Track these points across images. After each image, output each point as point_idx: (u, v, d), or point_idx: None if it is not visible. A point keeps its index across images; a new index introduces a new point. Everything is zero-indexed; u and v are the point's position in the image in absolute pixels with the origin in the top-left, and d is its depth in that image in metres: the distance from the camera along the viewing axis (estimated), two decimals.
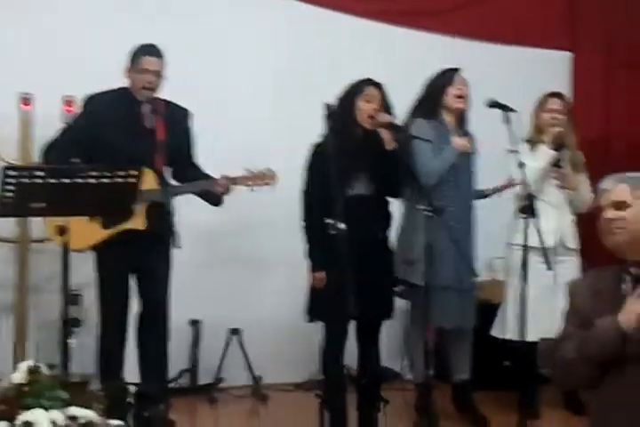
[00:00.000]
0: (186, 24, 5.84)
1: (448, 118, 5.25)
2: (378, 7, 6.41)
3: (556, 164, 5.36)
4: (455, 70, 5.25)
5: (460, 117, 5.30)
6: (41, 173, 3.80)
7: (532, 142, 5.40)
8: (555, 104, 5.44)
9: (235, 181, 4.80)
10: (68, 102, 5.32)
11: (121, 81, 4.85)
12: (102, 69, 5.14)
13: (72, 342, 5.10)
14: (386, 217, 4.97)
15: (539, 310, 5.02)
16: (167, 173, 4.88)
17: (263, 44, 6.06)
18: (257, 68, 6.02)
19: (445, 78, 5.22)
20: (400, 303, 5.09)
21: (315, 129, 4.63)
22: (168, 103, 4.86)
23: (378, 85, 4.85)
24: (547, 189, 5.36)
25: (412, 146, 5.09)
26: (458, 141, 5.18)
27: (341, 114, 4.75)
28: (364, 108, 4.81)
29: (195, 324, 5.88)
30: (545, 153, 5.29)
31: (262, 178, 4.84)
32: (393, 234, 5.01)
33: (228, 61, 5.95)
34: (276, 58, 6.06)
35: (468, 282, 5.18)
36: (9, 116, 5.27)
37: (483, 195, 5.49)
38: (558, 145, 5.31)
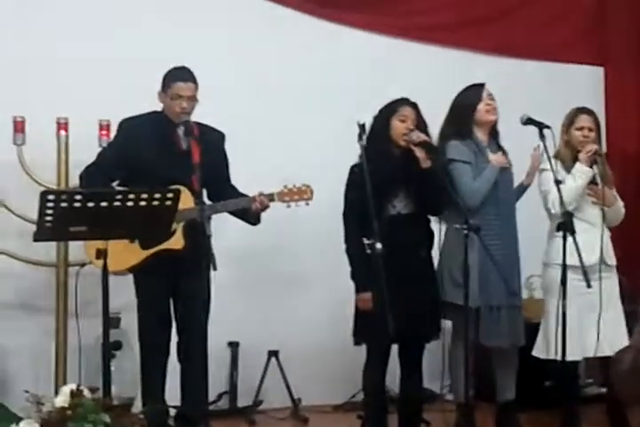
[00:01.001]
0: (217, 41, 5.90)
1: (481, 135, 5.22)
2: (401, 23, 6.42)
3: (591, 181, 5.32)
4: (481, 86, 5.24)
5: (493, 132, 5.27)
6: (79, 197, 3.82)
7: (562, 159, 5.36)
8: (585, 120, 5.37)
9: (271, 197, 4.81)
10: (104, 126, 5.37)
11: (156, 104, 4.88)
12: (138, 93, 5.18)
13: (111, 365, 5.16)
14: (428, 235, 4.96)
15: (582, 329, 5.00)
16: (204, 194, 4.89)
17: (297, 64, 6.08)
18: (289, 86, 6.03)
19: (472, 95, 5.20)
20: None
21: (350, 145, 4.64)
22: (202, 125, 4.88)
23: (413, 105, 4.90)
24: (584, 206, 5.31)
25: (452, 169, 5.09)
26: (495, 158, 5.15)
27: (377, 134, 4.81)
28: (399, 127, 4.84)
29: (233, 346, 5.89)
30: (581, 171, 5.25)
31: (299, 193, 4.84)
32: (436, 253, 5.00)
33: (261, 79, 5.97)
34: (306, 75, 6.09)
35: (516, 299, 5.14)
36: (46, 141, 5.31)
37: (523, 188, 5.42)
38: (592, 162, 5.28)
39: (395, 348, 4.86)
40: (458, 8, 6.54)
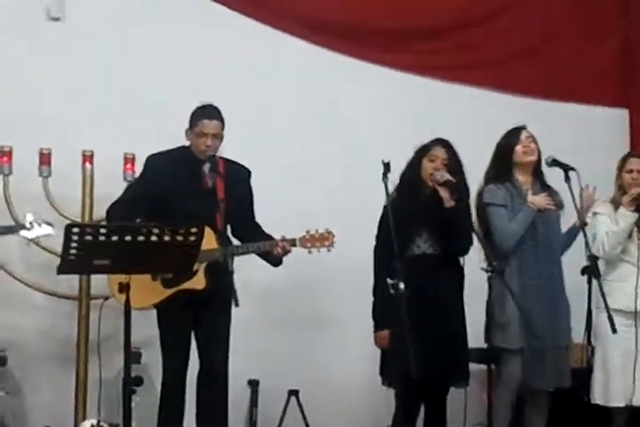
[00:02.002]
0: (241, 77, 5.90)
1: (522, 177, 5.17)
2: (427, 62, 6.43)
3: (638, 224, 5.28)
4: (520, 129, 5.22)
5: (535, 173, 5.23)
6: (104, 231, 3.82)
7: (615, 202, 5.33)
8: (634, 163, 5.37)
9: (293, 242, 4.81)
10: (129, 160, 5.39)
11: (181, 137, 4.89)
12: (163, 127, 5.21)
13: (133, 400, 5.14)
14: (455, 275, 4.95)
15: (623, 374, 4.98)
16: (227, 231, 4.89)
17: (326, 102, 6.08)
18: (318, 129, 6.04)
19: (511, 138, 5.18)
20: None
21: (376, 188, 4.64)
22: (228, 162, 4.89)
23: (445, 145, 4.92)
24: (631, 250, 5.28)
25: (488, 213, 5.07)
26: (534, 200, 5.08)
27: (409, 173, 4.88)
28: (428, 167, 4.86)
29: (253, 384, 5.84)
30: (623, 214, 5.23)
31: (321, 240, 4.84)
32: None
33: (293, 119, 5.98)
34: (338, 115, 6.09)
35: (559, 341, 5.05)
36: (71, 174, 5.35)
37: (576, 229, 5.27)
38: (637, 206, 5.25)
39: None
40: (484, 48, 6.54)
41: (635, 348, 5.04)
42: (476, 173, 5.12)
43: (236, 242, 4.94)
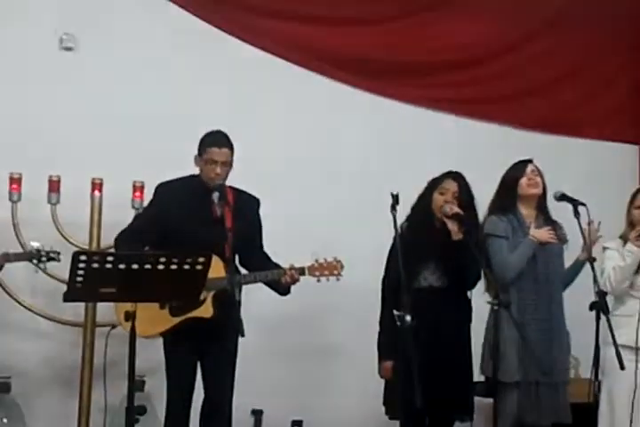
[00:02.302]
0: (251, 107, 5.92)
1: (525, 210, 5.16)
2: (437, 96, 6.45)
3: None
4: (526, 162, 5.22)
5: (539, 207, 5.23)
6: (111, 259, 3.82)
7: (625, 238, 5.32)
8: None
9: (302, 271, 4.80)
10: (138, 188, 5.41)
11: (190, 166, 4.91)
12: (172, 156, 5.23)
13: None
14: (462, 309, 4.95)
15: (630, 410, 4.96)
16: (235, 260, 4.89)
17: (334, 132, 6.11)
18: (322, 157, 6.05)
19: (517, 170, 5.18)
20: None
21: (385, 219, 4.65)
22: (238, 191, 4.89)
23: (456, 178, 4.93)
24: (639, 284, 5.26)
25: (488, 244, 5.06)
26: (536, 233, 5.07)
27: (419, 206, 4.92)
28: (437, 199, 4.88)
29: (257, 414, 5.81)
30: (629, 250, 5.22)
31: (329, 269, 4.83)
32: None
33: (301, 149, 5.99)
34: (346, 146, 6.12)
35: (554, 377, 5.01)
36: (80, 202, 5.36)
37: (579, 263, 5.24)
38: None
39: None
40: (495, 83, 6.58)
41: (635, 383, 5.01)
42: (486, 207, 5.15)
43: (244, 271, 4.94)
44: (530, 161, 5.22)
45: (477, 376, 4.96)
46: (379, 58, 6.26)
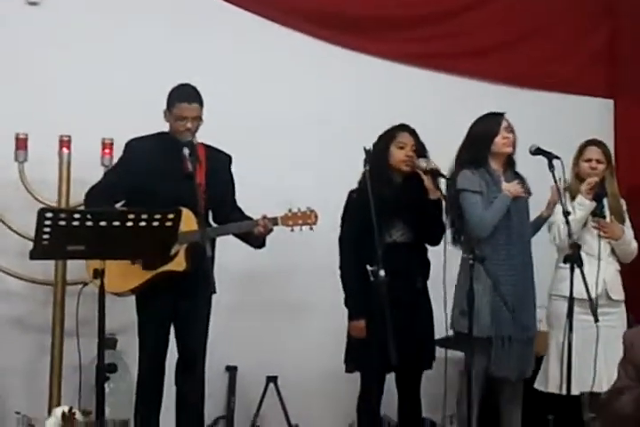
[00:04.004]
0: (221, 61, 5.84)
1: (495, 165, 5.15)
2: (409, 50, 6.35)
3: (597, 213, 5.25)
4: (499, 116, 5.16)
5: (508, 161, 5.20)
6: (78, 216, 3.77)
7: (572, 191, 5.30)
8: (593, 152, 5.32)
9: (275, 221, 4.75)
10: (107, 145, 5.32)
11: (160, 123, 4.85)
12: (142, 112, 5.16)
13: (107, 387, 5.08)
14: (424, 265, 4.90)
15: (582, 363, 4.92)
16: (209, 216, 4.85)
17: (297, 88, 6.00)
18: (291, 112, 5.96)
19: (490, 126, 5.12)
20: (440, 353, 4.98)
21: (350, 172, 4.60)
22: (208, 147, 4.85)
23: (411, 131, 4.87)
24: (586, 238, 5.25)
25: (462, 199, 5.03)
26: (509, 187, 5.07)
27: (377, 161, 4.78)
28: (397, 154, 4.81)
29: (231, 370, 5.80)
30: (581, 203, 5.20)
31: (303, 218, 4.79)
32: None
33: (259, 103, 5.89)
34: (305, 100, 6.01)
35: (528, 331, 5.04)
36: (48, 159, 5.28)
37: (542, 219, 5.32)
38: (596, 195, 5.21)
39: (391, 377, 4.82)
40: (468, 37, 6.48)
41: (596, 336, 5.00)
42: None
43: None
44: (502, 115, 5.17)
45: (448, 331, 4.95)
46: (353, 13, 6.16)
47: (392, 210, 4.77)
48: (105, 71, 5.55)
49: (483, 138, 5.12)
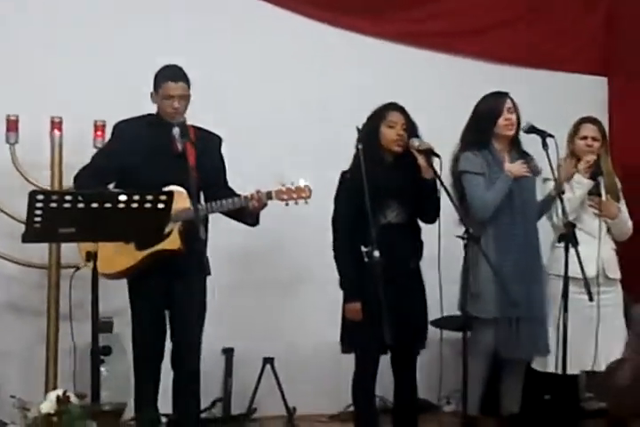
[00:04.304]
0: (216, 42, 5.81)
1: (499, 145, 5.12)
2: (405, 30, 6.32)
3: (593, 192, 5.23)
4: (503, 96, 5.12)
5: (513, 141, 5.17)
6: (69, 198, 3.74)
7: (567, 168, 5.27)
8: (588, 130, 5.30)
9: (269, 195, 4.71)
10: (99, 127, 5.29)
11: (152, 105, 4.82)
12: (134, 93, 5.09)
13: (103, 370, 5.07)
14: (417, 246, 4.88)
15: (580, 342, 4.92)
16: (201, 197, 4.81)
17: (293, 70, 5.98)
18: (292, 96, 5.95)
19: (493, 106, 5.09)
20: (436, 334, 4.97)
21: (345, 153, 4.56)
22: (198, 129, 4.81)
23: (401, 109, 4.83)
24: (584, 217, 5.23)
25: (464, 180, 5.03)
26: (511, 167, 5.04)
27: (367, 141, 4.73)
28: (388, 134, 4.77)
29: (228, 352, 5.80)
30: (578, 181, 5.18)
31: (297, 192, 4.74)
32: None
33: (259, 86, 5.88)
34: (306, 83, 6.00)
35: (535, 310, 5.02)
36: (40, 141, 5.25)
37: (550, 198, 5.23)
38: (593, 173, 5.19)
39: (387, 358, 4.81)
40: (462, 17, 6.47)
41: (596, 315, 5.00)
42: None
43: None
44: (506, 95, 5.13)
45: (447, 310, 4.93)
46: None
47: (385, 190, 4.72)
48: (97, 53, 5.52)
49: (486, 118, 5.11)
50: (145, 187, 4.20)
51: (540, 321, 5.06)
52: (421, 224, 4.93)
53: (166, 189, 4.37)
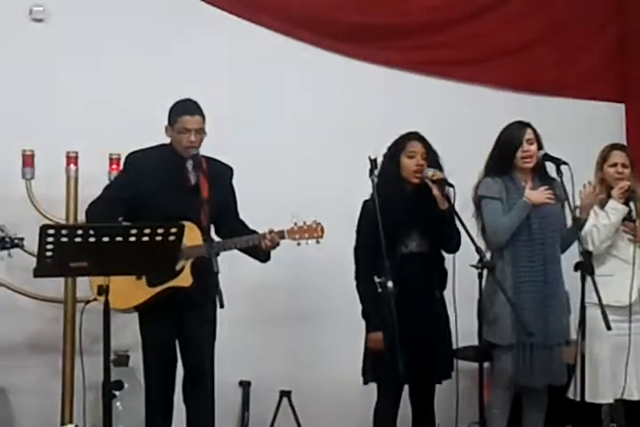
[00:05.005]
0: (222, 74, 5.84)
1: (521, 172, 5.10)
2: (417, 58, 6.34)
3: (626, 217, 5.20)
4: (523, 128, 5.08)
5: (536, 167, 5.12)
6: (80, 232, 3.74)
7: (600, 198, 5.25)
8: (618, 157, 5.28)
9: (282, 234, 4.71)
10: (114, 161, 5.31)
11: (167, 138, 4.83)
12: (149, 127, 5.10)
13: (119, 404, 5.06)
14: (441, 275, 4.85)
15: (613, 370, 4.92)
16: (212, 230, 4.81)
17: (310, 98, 6.01)
18: (305, 122, 5.97)
19: (514, 137, 5.05)
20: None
21: (363, 183, 4.55)
22: (210, 160, 4.81)
23: (420, 139, 4.83)
24: (620, 244, 5.20)
25: (482, 205, 5.02)
26: (530, 195, 5.01)
27: (387, 172, 4.75)
28: (408, 164, 4.76)
29: (244, 385, 5.77)
30: (614, 208, 5.15)
31: (309, 231, 4.74)
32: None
33: (276, 115, 5.91)
34: (322, 111, 6.02)
35: (550, 339, 4.97)
36: (56, 175, 5.27)
37: (580, 222, 5.17)
38: (627, 199, 5.17)
39: (406, 388, 4.78)
40: (476, 43, 6.48)
41: (628, 343, 4.96)
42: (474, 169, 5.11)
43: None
44: (527, 125, 5.11)
45: (463, 341, 4.89)
46: (356, 21, 6.16)
47: (406, 220, 4.73)
48: (110, 87, 5.55)
49: (506, 148, 5.08)
50: (157, 219, 4.20)
51: (558, 349, 5.02)
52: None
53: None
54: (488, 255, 4.91)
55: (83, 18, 5.60)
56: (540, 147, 5.09)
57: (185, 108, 4.72)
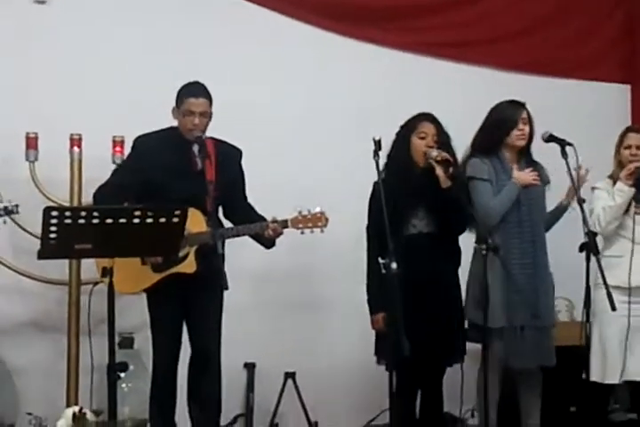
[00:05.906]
0: (233, 56, 5.82)
1: (508, 153, 5.09)
2: (425, 39, 6.33)
3: (638, 199, 5.19)
4: (519, 106, 5.07)
5: (522, 150, 5.13)
6: (84, 214, 3.74)
7: (614, 178, 5.25)
8: (632, 139, 5.30)
9: (285, 224, 4.70)
10: (118, 143, 5.30)
11: (171, 120, 4.82)
12: (153, 109, 5.11)
13: (124, 386, 5.07)
14: (452, 254, 4.86)
15: (621, 351, 4.95)
16: (219, 212, 4.81)
17: (316, 81, 5.99)
18: (309, 105, 5.96)
19: (509, 117, 5.03)
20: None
21: (368, 168, 4.55)
22: (218, 142, 4.80)
23: (433, 120, 4.81)
24: (629, 226, 5.19)
25: (471, 187, 4.99)
26: (519, 175, 5.01)
27: (398, 151, 4.74)
28: (418, 144, 4.76)
29: (249, 367, 5.78)
30: (620, 189, 5.15)
31: (313, 221, 4.72)
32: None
33: (283, 98, 5.89)
34: (328, 93, 6.01)
35: (541, 320, 4.97)
36: (60, 158, 5.25)
37: (562, 207, 5.23)
38: (635, 180, 5.15)
39: None
40: (483, 25, 6.46)
41: (627, 324, 4.96)
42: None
43: (227, 224, 4.86)
44: (522, 105, 5.09)
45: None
46: (363, 3, 6.14)
47: (414, 200, 4.74)
48: (115, 68, 5.52)
49: (499, 127, 5.06)
50: (164, 203, 4.20)
51: (548, 331, 5.03)
52: None
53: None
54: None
55: (87, 0, 5.57)
56: (532, 129, 5.07)
57: (191, 91, 4.71)
